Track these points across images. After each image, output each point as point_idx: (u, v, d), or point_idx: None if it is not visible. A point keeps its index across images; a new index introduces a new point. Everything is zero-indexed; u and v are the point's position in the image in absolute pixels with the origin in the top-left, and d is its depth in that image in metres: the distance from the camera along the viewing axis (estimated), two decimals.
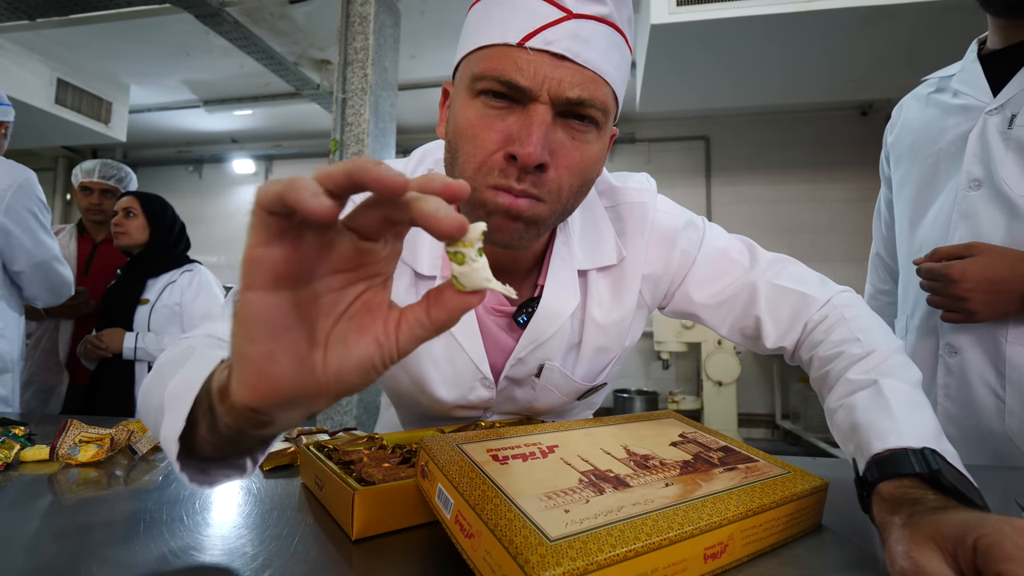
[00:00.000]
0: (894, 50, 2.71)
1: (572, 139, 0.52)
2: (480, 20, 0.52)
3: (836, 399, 0.54)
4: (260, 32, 3.33)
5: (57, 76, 3.89)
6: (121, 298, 1.75)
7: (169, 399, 0.38)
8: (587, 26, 0.49)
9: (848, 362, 0.56)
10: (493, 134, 0.50)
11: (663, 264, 0.68)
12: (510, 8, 0.49)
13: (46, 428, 0.80)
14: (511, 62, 0.49)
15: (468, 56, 0.53)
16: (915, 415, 0.47)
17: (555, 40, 0.48)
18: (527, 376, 0.69)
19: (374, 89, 2.57)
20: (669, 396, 4.38)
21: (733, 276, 0.68)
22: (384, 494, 0.44)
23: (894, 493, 0.40)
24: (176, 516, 0.48)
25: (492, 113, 0.50)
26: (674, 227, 0.68)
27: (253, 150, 5.67)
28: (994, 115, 0.82)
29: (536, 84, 0.48)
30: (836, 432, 0.53)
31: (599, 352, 0.69)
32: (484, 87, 0.50)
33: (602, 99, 0.51)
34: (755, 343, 0.69)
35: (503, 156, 0.50)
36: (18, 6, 2.93)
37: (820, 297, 0.65)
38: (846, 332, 0.60)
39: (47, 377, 1.87)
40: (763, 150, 4.66)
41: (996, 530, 0.31)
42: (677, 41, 2.64)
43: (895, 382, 0.51)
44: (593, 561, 0.31)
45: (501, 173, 0.50)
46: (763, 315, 0.66)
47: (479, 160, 0.51)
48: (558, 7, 0.48)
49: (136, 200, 1.80)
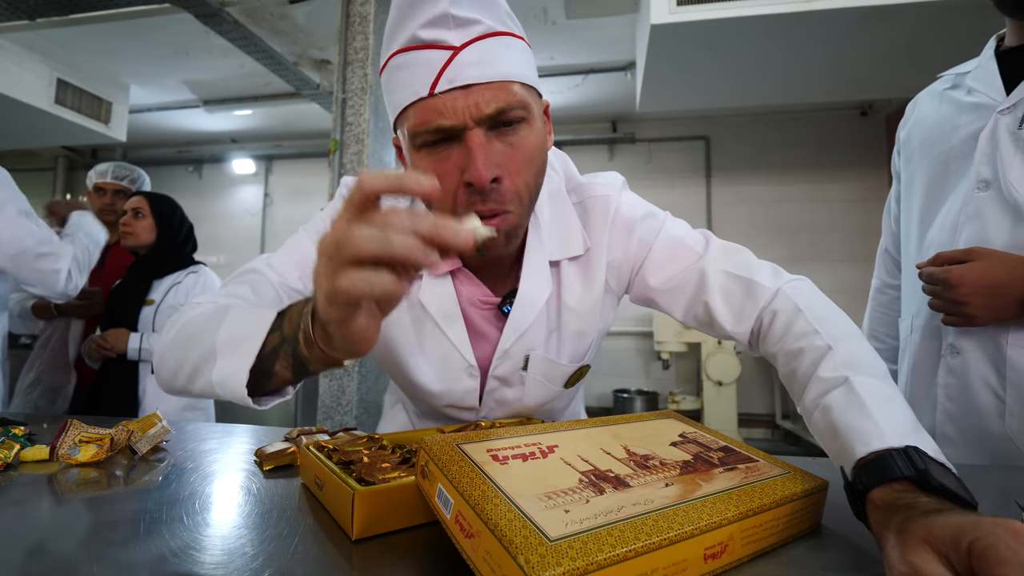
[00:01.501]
0: (895, 50, 2.71)
1: (510, 145, 0.58)
2: (391, 86, 0.59)
3: (811, 400, 0.54)
4: (260, 32, 3.33)
5: (57, 76, 3.89)
6: (126, 298, 1.75)
7: (227, 344, 0.49)
8: (473, 50, 0.55)
9: (813, 358, 0.56)
10: (448, 176, 0.56)
11: (623, 251, 0.73)
12: (408, 69, 0.56)
13: (51, 428, 0.80)
14: (432, 111, 0.55)
15: (398, 117, 0.60)
16: (891, 411, 0.48)
17: (455, 75, 0.54)
18: (514, 371, 0.74)
19: (374, 89, 2.57)
20: (669, 396, 4.38)
21: (686, 262, 0.71)
22: (384, 494, 0.44)
23: (887, 499, 0.40)
24: (176, 516, 0.48)
25: (439, 158, 0.57)
26: (634, 217, 0.73)
27: (253, 150, 5.67)
28: (1006, 115, 0.81)
29: (459, 118, 0.54)
30: (816, 434, 0.54)
31: (577, 336, 0.74)
32: (423, 141, 0.57)
33: (516, 99, 0.57)
34: (710, 328, 0.72)
35: (463, 189, 0.56)
36: (18, 6, 2.93)
37: (770, 285, 0.67)
38: (804, 325, 0.60)
39: (56, 376, 1.87)
40: (763, 150, 4.66)
41: (990, 533, 0.32)
42: (677, 41, 2.64)
43: (865, 378, 0.51)
44: (593, 561, 0.31)
45: (468, 202, 0.57)
46: (713, 300, 0.68)
47: (449, 201, 0.57)
48: (444, 48, 0.54)
49: (145, 200, 1.80)
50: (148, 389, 1.71)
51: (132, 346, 1.67)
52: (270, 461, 0.64)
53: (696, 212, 4.68)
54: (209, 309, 0.58)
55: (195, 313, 0.59)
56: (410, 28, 0.55)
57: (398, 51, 0.57)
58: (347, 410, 2.59)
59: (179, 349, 0.56)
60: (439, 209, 0.58)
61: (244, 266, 0.70)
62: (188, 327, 0.57)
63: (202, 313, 0.58)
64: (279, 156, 5.62)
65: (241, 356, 0.48)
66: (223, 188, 5.81)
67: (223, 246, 5.59)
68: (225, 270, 5.34)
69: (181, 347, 0.56)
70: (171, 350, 0.57)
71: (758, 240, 4.54)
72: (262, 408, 0.51)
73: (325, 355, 0.44)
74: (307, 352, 0.45)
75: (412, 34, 0.55)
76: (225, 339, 0.50)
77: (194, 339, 0.54)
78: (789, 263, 5.13)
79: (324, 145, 5.20)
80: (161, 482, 0.58)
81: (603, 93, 4.29)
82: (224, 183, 5.82)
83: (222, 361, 0.49)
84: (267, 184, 5.68)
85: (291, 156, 5.57)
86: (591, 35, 3.49)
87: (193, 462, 0.66)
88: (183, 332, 0.57)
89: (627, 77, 3.90)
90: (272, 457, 0.64)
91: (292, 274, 0.68)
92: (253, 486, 0.57)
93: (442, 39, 0.54)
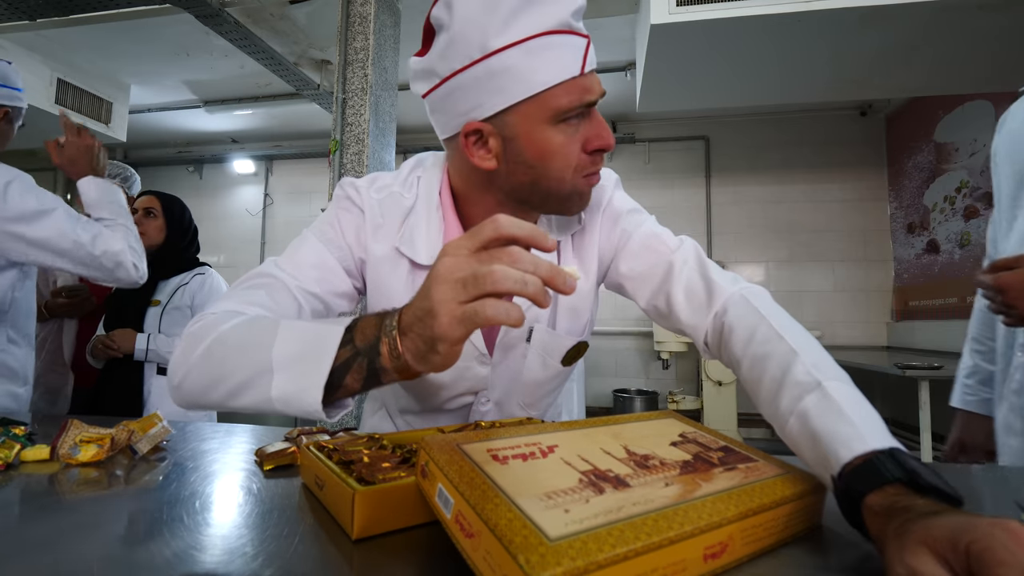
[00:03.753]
0: (895, 50, 2.71)
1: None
2: (529, 66, 0.61)
3: (786, 406, 0.53)
4: (260, 32, 3.33)
5: (57, 76, 3.89)
6: (131, 298, 1.74)
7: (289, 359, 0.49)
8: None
9: (781, 363, 0.56)
10: (576, 144, 0.65)
11: (607, 238, 0.80)
12: (558, 49, 0.61)
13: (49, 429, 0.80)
14: (583, 88, 0.63)
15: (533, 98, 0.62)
16: (867, 415, 0.48)
17: (590, 60, 0.63)
18: (519, 341, 0.77)
19: (374, 89, 2.57)
20: (669, 396, 4.38)
21: (658, 256, 0.76)
22: (384, 494, 0.44)
23: (883, 504, 0.41)
24: (176, 516, 0.48)
25: (572, 130, 0.64)
26: (621, 209, 0.80)
27: (253, 150, 5.67)
28: None
29: (597, 95, 0.64)
30: (790, 440, 0.53)
31: (573, 312, 0.79)
32: (572, 115, 0.63)
33: None
34: (667, 320, 0.76)
35: (588, 154, 0.66)
36: (18, 6, 2.93)
37: (729, 288, 0.69)
38: (768, 330, 0.61)
39: (53, 378, 1.86)
40: (763, 150, 4.66)
41: (987, 535, 0.32)
42: (677, 41, 2.64)
43: (837, 383, 0.52)
44: (593, 561, 0.31)
45: (592, 164, 0.67)
46: (675, 292, 0.73)
47: (572, 165, 0.65)
48: (581, 35, 0.63)
49: (158, 201, 1.79)
50: (153, 390, 1.71)
51: (139, 347, 1.67)
52: (270, 461, 0.64)
53: (696, 212, 4.67)
54: (243, 321, 0.56)
55: (227, 326, 0.55)
56: (557, 14, 0.61)
57: (547, 32, 0.60)
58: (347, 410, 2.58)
59: (217, 364, 0.53)
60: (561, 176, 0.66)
61: (253, 270, 0.68)
62: (225, 341, 0.54)
63: (238, 326, 0.55)
64: (279, 156, 5.62)
65: (313, 372, 0.47)
66: (223, 188, 5.81)
67: (223, 246, 5.58)
68: (225, 270, 5.34)
69: (219, 362, 0.53)
70: (204, 365, 0.54)
71: (757, 240, 4.55)
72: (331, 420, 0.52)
73: (408, 368, 0.45)
74: (388, 364, 0.46)
75: (562, 19, 0.61)
76: (285, 354, 0.49)
77: (238, 354, 0.52)
78: (789, 263, 5.13)
79: (324, 145, 5.21)
80: (161, 482, 0.58)
81: None
82: (224, 183, 5.81)
83: (283, 376, 0.49)
84: (267, 184, 5.68)
85: (291, 156, 5.57)
86: (591, 35, 3.48)
87: (193, 462, 0.66)
88: (219, 346, 0.54)
89: (627, 77, 3.90)
90: (272, 457, 0.64)
91: (309, 277, 0.68)
92: (253, 486, 0.57)
93: (581, 28, 0.63)
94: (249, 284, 0.66)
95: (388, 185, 0.76)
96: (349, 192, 0.75)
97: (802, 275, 4.45)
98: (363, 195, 0.75)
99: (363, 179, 0.78)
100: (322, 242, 0.72)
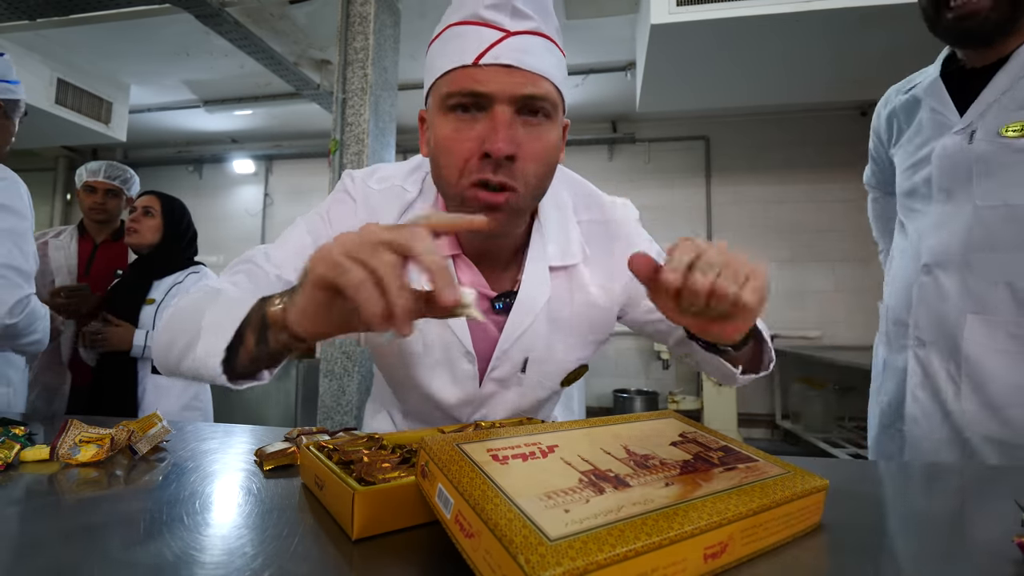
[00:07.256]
0: (894, 50, 2.71)
1: (531, 132, 0.61)
2: (440, 52, 0.62)
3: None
4: (260, 32, 3.33)
5: (57, 76, 3.89)
6: (127, 296, 1.75)
7: (211, 326, 0.53)
8: (523, 39, 0.59)
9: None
10: (468, 141, 0.60)
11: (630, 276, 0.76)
12: (462, 39, 0.60)
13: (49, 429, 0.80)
14: (471, 78, 0.59)
15: (436, 83, 0.63)
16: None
17: (501, 54, 0.58)
18: (513, 373, 0.76)
19: (374, 89, 2.57)
20: (669, 396, 4.38)
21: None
22: (384, 494, 0.44)
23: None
24: (176, 516, 0.48)
25: (463, 124, 0.60)
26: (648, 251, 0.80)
27: (253, 150, 5.67)
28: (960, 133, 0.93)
29: (493, 90, 0.58)
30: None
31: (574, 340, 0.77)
32: (454, 103, 0.60)
33: (548, 93, 0.61)
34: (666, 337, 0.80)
35: (478, 156, 0.59)
36: (18, 6, 2.93)
37: None
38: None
39: (50, 377, 1.86)
40: (763, 150, 4.66)
41: None
42: (677, 41, 2.64)
43: None
44: (593, 561, 0.31)
45: (479, 170, 0.59)
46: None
47: (460, 164, 0.60)
48: (498, 29, 0.59)
49: (157, 200, 1.79)
50: (148, 388, 1.71)
51: (137, 344, 1.67)
52: (270, 461, 0.64)
53: (696, 212, 4.67)
54: (201, 295, 0.62)
55: (190, 298, 0.63)
56: (473, 6, 0.60)
57: (455, 23, 0.61)
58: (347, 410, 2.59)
59: (172, 330, 0.60)
60: (448, 174, 0.62)
61: (243, 255, 0.72)
62: (182, 310, 0.61)
63: (196, 298, 0.61)
64: (279, 156, 5.62)
65: (219, 337, 0.52)
66: (223, 188, 5.82)
67: (223, 246, 5.58)
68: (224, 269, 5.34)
69: (173, 328, 0.59)
70: (165, 331, 0.61)
71: (758, 240, 4.54)
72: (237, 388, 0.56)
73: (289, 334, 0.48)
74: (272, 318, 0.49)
75: (473, 11, 0.60)
76: (209, 322, 0.54)
77: (185, 321, 0.58)
78: (789, 263, 5.14)
79: (324, 145, 5.20)
80: (161, 482, 0.58)
81: (603, 93, 4.29)
82: (224, 183, 5.82)
83: (203, 341, 0.53)
84: (267, 184, 5.69)
85: (291, 156, 5.57)
86: (591, 35, 3.49)
87: (193, 462, 0.66)
88: (177, 314, 0.61)
89: (627, 77, 3.91)
90: (272, 457, 0.64)
91: (288, 265, 0.69)
92: (253, 486, 0.57)
93: (499, 22, 0.59)
94: (234, 269, 0.70)
95: (390, 177, 0.76)
96: (346, 182, 0.76)
97: (804, 275, 4.46)
98: (358, 185, 0.75)
99: (363, 170, 0.78)
100: (309, 232, 0.73)
